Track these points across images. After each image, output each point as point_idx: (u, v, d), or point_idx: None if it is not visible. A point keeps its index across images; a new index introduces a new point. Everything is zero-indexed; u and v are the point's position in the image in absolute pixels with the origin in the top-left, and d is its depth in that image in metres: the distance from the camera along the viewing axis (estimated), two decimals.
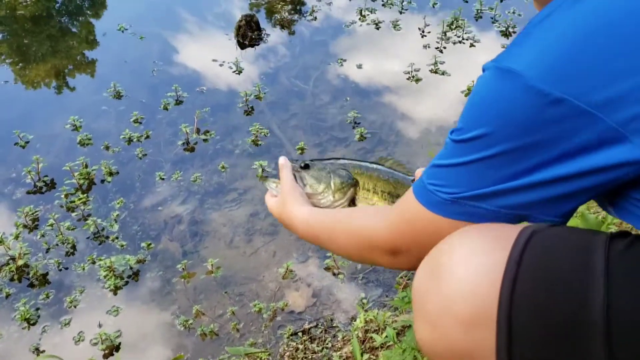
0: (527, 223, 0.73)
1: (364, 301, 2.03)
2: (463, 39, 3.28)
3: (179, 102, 2.93)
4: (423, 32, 3.36)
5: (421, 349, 0.77)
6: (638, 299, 0.64)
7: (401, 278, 2.04)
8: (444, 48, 3.22)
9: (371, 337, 1.77)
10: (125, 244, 2.26)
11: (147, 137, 2.73)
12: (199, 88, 3.03)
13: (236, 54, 3.27)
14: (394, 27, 3.40)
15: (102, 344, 1.93)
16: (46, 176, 2.55)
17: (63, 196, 2.44)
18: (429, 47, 3.24)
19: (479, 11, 3.47)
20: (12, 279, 2.15)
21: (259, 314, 2.02)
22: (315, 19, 3.54)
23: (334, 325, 1.97)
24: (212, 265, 2.15)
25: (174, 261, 2.21)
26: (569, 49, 0.65)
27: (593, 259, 0.66)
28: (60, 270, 2.19)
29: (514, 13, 3.44)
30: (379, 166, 1.11)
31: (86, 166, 2.56)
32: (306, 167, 1.09)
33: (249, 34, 3.34)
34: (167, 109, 2.89)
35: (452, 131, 0.73)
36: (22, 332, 2.00)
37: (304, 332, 1.95)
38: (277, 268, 2.17)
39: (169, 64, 3.22)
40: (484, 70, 0.71)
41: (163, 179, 2.53)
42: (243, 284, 2.13)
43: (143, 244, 2.25)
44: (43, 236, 2.29)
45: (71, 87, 3.21)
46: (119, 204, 2.41)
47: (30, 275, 2.16)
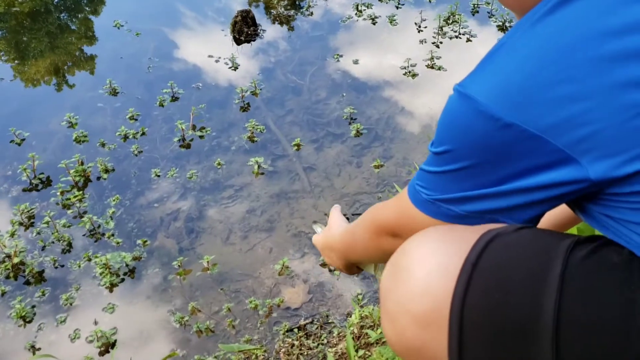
0: (494, 225, 0.75)
1: (360, 297, 2.03)
2: (460, 33, 3.27)
3: (174, 99, 2.92)
4: (419, 27, 3.35)
5: (389, 345, 0.80)
6: (588, 305, 0.66)
7: None
8: (441, 43, 3.22)
9: (366, 333, 1.77)
10: (121, 241, 2.26)
11: (143, 133, 2.73)
12: (195, 84, 3.02)
13: (232, 50, 3.26)
14: (391, 22, 3.39)
15: (97, 341, 1.93)
16: (42, 173, 2.55)
17: (59, 193, 2.44)
18: (425, 42, 3.23)
19: (475, 6, 3.47)
20: (7, 277, 2.15)
21: (254, 310, 2.02)
22: (312, 14, 3.53)
23: (329, 321, 1.97)
24: (208, 262, 2.15)
25: (170, 258, 2.21)
26: (518, 76, 0.69)
27: (551, 265, 0.68)
28: (56, 267, 2.19)
29: None
30: None
31: (82, 163, 2.55)
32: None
33: (244, 29, 3.34)
34: (162, 105, 2.89)
35: (431, 142, 0.81)
36: (17, 330, 2.00)
37: (299, 328, 1.95)
38: (273, 265, 2.17)
39: (164, 61, 3.21)
40: (453, 90, 0.76)
41: (159, 175, 2.53)
42: (239, 280, 2.13)
43: (139, 241, 2.25)
44: (39, 234, 2.29)
45: (67, 84, 3.20)
46: (114, 201, 2.41)
47: (26, 273, 2.16)
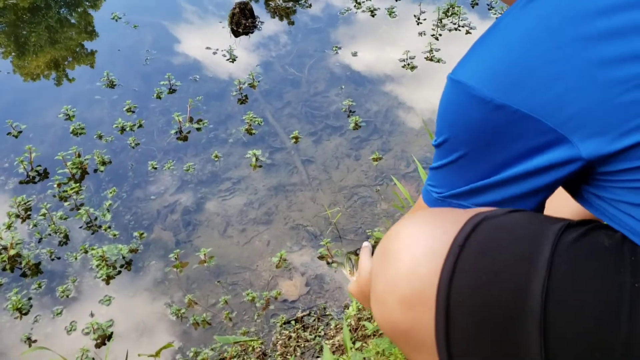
0: (484, 209, 0.75)
1: None
2: (459, 26, 3.25)
3: (172, 91, 2.91)
4: (419, 19, 3.33)
5: (379, 326, 0.80)
6: (577, 287, 0.66)
7: None
8: (440, 35, 3.20)
9: (363, 325, 1.76)
10: (118, 234, 2.25)
11: (140, 126, 2.71)
12: (192, 77, 3.01)
13: (230, 42, 3.24)
14: (390, 15, 3.37)
15: (94, 333, 1.93)
16: (39, 166, 2.53)
17: (56, 186, 2.43)
18: (424, 34, 3.21)
19: None
20: (4, 269, 2.15)
21: (252, 302, 2.01)
22: (310, 6, 3.51)
23: (327, 313, 1.97)
24: (205, 254, 2.14)
25: (167, 250, 2.20)
26: (507, 58, 0.70)
27: (540, 248, 0.68)
28: (53, 260, 2.18)
29: None
30: None
31: (79, 155, 2.54)
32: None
33: (242, 21, 3.32)
34: (160, 97, 2.87)
35: (434, 138, 0.82)
36: (14, 322, 1.99)
37: (296, 320, 1.94)
38: (271, 257, 2.16)
39: (162, 53, 3.20)
40: (446, 78, 0.77)
41: (156, 168, 2.52)
42: (236, 273, 2.13)
43: (136, 234, 2.25)
44: (35, 226, 2.28)
45: (64, 77, 3.19)
46: (111, 193, 2.40)
47: (23, 265, 2.15)
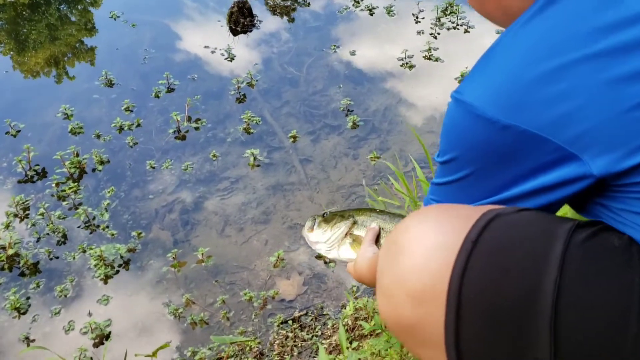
0: (495, 205, 0.75)
1: (354, 289, 2.03)
2: (457, 25, 3.25)
3: (170, 90, 2.91)
4: (417, 18, 3.33)
5: (383, 321, 0.80)
6: (588, 286, 0.66)
7: None
8: (438, 34, 3.20)
9: (360, 325, 1.77)
10: (116, 233, 2.26)
11: (139, 125, 2.72)
12: (191, 76, 3.01)
13: (228, 40, 3.24)
14: (388, 13, 3.37)
15: (92, 333, 1.93)
16: (37, 165, 2.54)
17: (54, 185, 2.44)
18: (422, 33, 3.21)
19: None
20: (2, 268, 2.15)
21: (249, 302, 2.02)
22: (309, 4, 3.51)
23: (324, 313, 1.97)
24: (202, 254, 2.15)
25: (165, 250, 2.20)
26: (512, 77, 0.69)
27: (552, 246, 0.68)
28: (51, 259, 2.18)
29: None
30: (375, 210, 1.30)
31: (77, 155, 2.55)
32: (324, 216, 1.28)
33: (241, 20, 3.32)
34: (158, 96, 2.87)
35: (437, 153, 0.82)
36: (12, 322, 2.00)
37: (294, 320, 1.95)
38: (268, 257, 2.16)
39: (160, 52, 3.20)
40: (451, 97, 0.77)
41: (154, 167, 2.52)
42: (234, 272, 2.13)
43: (134, 233, 2.25)
44: (34, 225, 2.29)
45: (63, 76, 3.19)
46: (109, 192, 2.40)
47: (21, 265, 2.16)
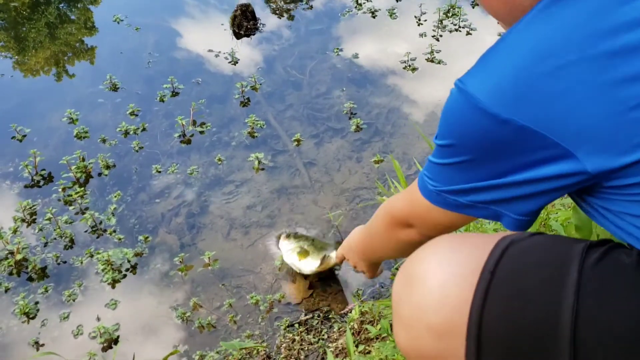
0: (506, 232, 0.76)
1: (360, 292, 2.05)
2: (459, 27, 3.27)
3: (175, 94, 2.93)
4: (419, 20, 3.35)
5: (400, 350, 0.80)
6: (605, 307, 0.68)
7: (396, 269, 2.05)
8: (441, 36, 3.21)
9: (366, 329, 1.79)
10: (123, 237, 2.27)
11: (144, 129, 2.74)
12: (195, 79, 3.03)
13: (232, 44, 3.26)
14: (390, 16, 3.39)
15: (100, 337, 1.95)
16: (43, 170, 2.56)
17: (60, 190, 2.45)
18: (425, 35, 3.23)
19: None
20: (10, 273, 2.17)
21: (256, 305, 2.04)
22: (311, 7, 3.53)
23: (330, 316, 1.99)
24: (209, 258, 2.17)
25: (172, 254, 2.22)
26: (513, 73, 0.71)
27: (567, 271, 0.70)
28: (59, 264, 2.20)
29: None
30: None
31: (83, 159, 2.56)
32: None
33: (244, 23, 3.33)
34: (163, 100, 2.89)
35: (435, 134, 0.83)
36: (21, 326, 2.02)
37: (300, 323, 1.97)
38: (274, 260, 2.18)
39: (164, 55, 3.22)
40: (454, 85, 0.78)
41: (160, 171, 2.54)
42: (240, 276, 2.15)
43: (140, 237, 2.27)
44: (41, 230, 2.31)
45: (67, 80, 3.21)
46: (116, 197, 2.42)
47: (29, 269, 2.18)
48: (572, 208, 1.53)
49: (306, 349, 1.87)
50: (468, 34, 3.22)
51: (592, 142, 0.68)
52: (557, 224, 1.47)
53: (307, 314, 2.00)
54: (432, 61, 3.04)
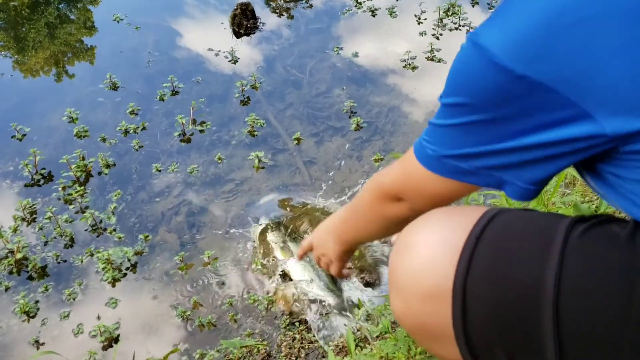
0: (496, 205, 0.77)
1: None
2: (459, 25, 3.26)
3: (175, 93, 2.93)
4: (419, 18, 3.34)
5: (396, 319, 0.83)
6: (586, 273, 0.67)
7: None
8: (441, 35, 3.21)
9: (367, 327, 1.78)
10: (123, 236, 2.27)
11: (144, 128, 2.73)
12: (195, 78, 3.03)
13: (232, 43, 3.26)
14: (390, 14, 3.39)
15: (101, 336, 1.95)
16: (43, 169, 2.56)
17: (60, 189, 2.45)
18: (425, 34, 3.22)
19: None
20: (11, 272, 2.17)
21: (256, 304, 2.04)
22: (311, 6, 3.53)
23: (331, 315, 1.99)
24: (209, 256, 2.17)
25: (172, 253, 2.22)
26: (532, 28, 0.66)
27: (553, 239, 0.70)
28: (59, 263, 2.20)
29: None
30: None
31: (83, 158, 2.56)
32: None
33: (244, 22, 3.33)
34: (163, 99, 2.89)
35: (441, 93, 0.77)
36: (21, 325, 2.01)
37: (300, 322, 1.97)
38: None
39: (164, 54, 3.21)
40: (466, 39, 0.73)
41: (160, 170, 2.54)
42: (240, 275, 2.15)
43: (140, 236, 2.27)
44: (41, 229, 2.31)
45: (67, 79, 3.21)
46: (116, 196, 2.42)
47: (29, 268, 2.18)
48: (573, 206, 1.53)
49: (306, 347, 1.87)
50: (468, 32, 3.21)
51: (613, 103, 0.64)
52: None
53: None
54: (432, 60, 3.04)
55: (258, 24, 3.38)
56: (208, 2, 3.67)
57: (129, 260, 2.19)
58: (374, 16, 3.40)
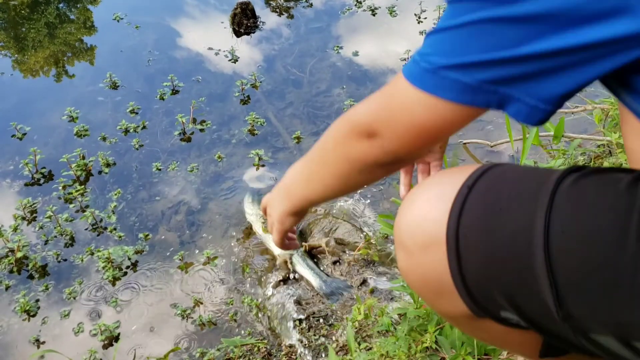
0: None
1: (362, 289, 2.04)
2: None
3: (175, 92, 2.93)
4: (419, 17, 3.34)
5: (402, 275, 0.83)
6: (576, 216, 0.67)
7: None
8: None
9: (368, 325, 1.78)
10: (123, 235, 2.27)
11: (144, 127, 2.73)
12: (195, 77, 3.03)
13: (232, 42, 3.26)
14: (390, 13, 3.39)
15: (101, 334, 1.95)
16: (44, 168, 2.56)
17: (61, 188, 2.45)
18: (425, 33, 3.22)
19: None
20: (11, 271, 2.17)
21: (256, 303, 2.04)
22: (311, 5, 3.53)
23: (331, 313, 1.99)
24: (209, 255, 2.17)
25: (172, 251, 2.22)
26: None
27: (543, 188, 0.69)
28: (59, 261, 2.20)
29: None
30: None
31: (83, 157, 2.56)
32: None
33: (244, 21, 3.33)
34: (163, 98, 2.89)
35: None
36: (22, 324, 2.02)
37: (301, 320, 1.97)
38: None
39: (164, 54, 3.21)
40: None
41: (160, 169, 2.54)
42: (240, 273, 2.15)
43: (141, 235, 2.27)
44: (41, 228, 2.31)
45: (67, 78, 3.21)
46: (116, 195, 2.42)
47: (30, 267, 2.18)
48: None
49: (307, 346, 1.87)
50: None
51: None
52: None
53: (308, 311, 2.00)
54: None
55: (258, 23, 3.38)
56: (208, 2, 3.67)
57: (129, 259, 2.19)
58: (374, 15, 3.40)
